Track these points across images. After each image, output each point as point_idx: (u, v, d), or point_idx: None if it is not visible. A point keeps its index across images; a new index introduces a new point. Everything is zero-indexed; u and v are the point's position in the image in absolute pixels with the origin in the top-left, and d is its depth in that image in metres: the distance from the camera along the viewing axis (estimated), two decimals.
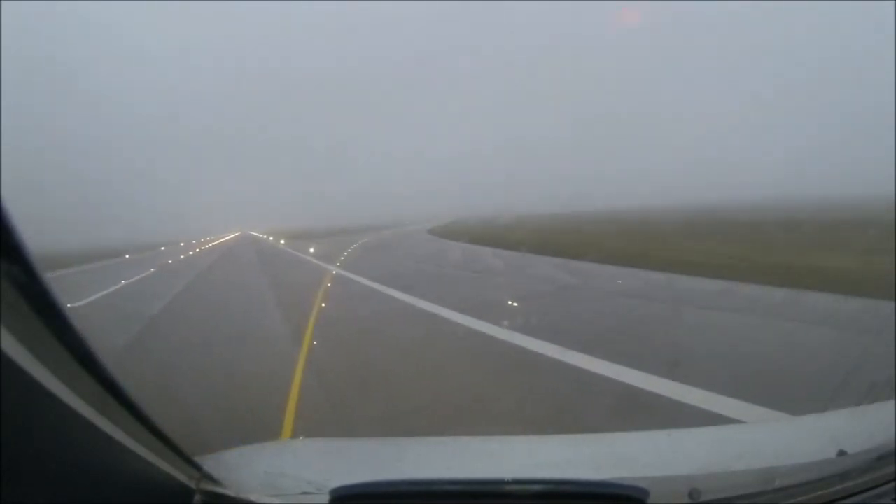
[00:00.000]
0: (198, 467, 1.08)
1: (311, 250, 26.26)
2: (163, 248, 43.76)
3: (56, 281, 0.69)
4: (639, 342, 5.49)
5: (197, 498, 1.05)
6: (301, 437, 3.53)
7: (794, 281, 8.16)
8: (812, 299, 7.23)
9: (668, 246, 16.13)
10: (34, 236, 0.64)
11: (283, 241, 42.32)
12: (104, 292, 13.22)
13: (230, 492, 1.11)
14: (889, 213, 16.46)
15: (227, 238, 69.54)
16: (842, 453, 1.25)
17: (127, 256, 33.08)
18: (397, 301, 9.03)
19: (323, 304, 9.04)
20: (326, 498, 1.08)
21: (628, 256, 12.98)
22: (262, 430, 3.37)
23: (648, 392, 3.90)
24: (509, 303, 8.52)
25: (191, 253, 33.46)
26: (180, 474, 1.02)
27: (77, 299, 11.30)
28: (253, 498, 1.12)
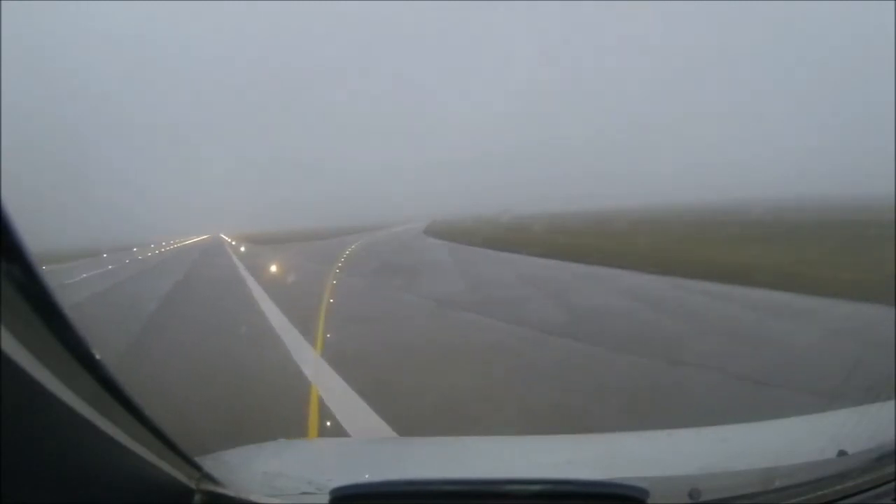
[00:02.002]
0: (198, 467, 1.08)
1: (273, 269, 17.36)
2: (104, 255, 35.26)
3: None
4: None
5: (197, 498, 1.05)
6: (301, 438, 3.53)
7: None
8: None
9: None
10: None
11: (243, 249, 33.74)
12: None
13: (230, 492, 1.10)
14: None
15: (187, 242, 60.20)
16: (842, 453, 1.25)
17: (43, 268, 28.12)
18: None
19: None
20: (326, 498, 1.08)
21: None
22: None
23: None
24: None
25: (110, 267, 24.44)
26: (180, 474, 1.02)
27: None
28: (253, 498, 1.12)
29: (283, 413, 3.96)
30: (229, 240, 55.14)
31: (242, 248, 34.61)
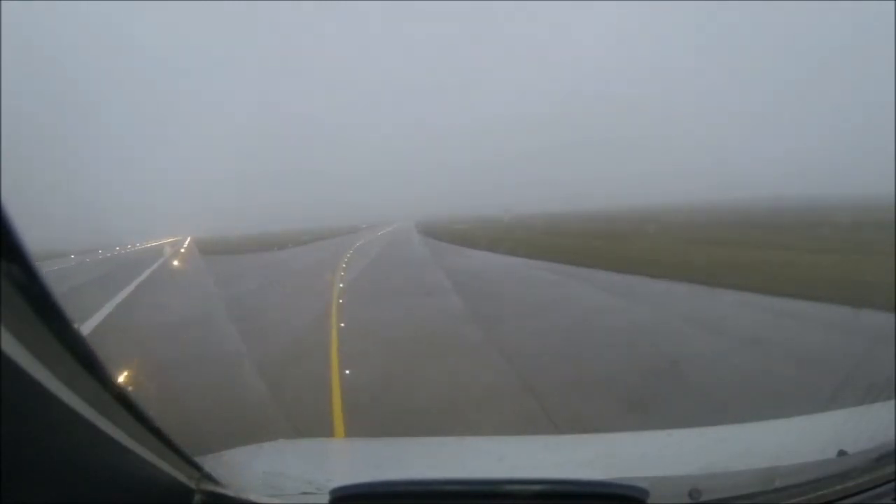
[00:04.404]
0: (198, 467, 1.08)
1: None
2: None
3: None
4: None
5: (197, 498, 1.05)
6: (301, 438, 3.52)
7: None
8: None
9: None
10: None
11: (176, 263, 24.92)
12: None
13: (230, 492, 1.10)
14: None
15: (130, 249, 47.62)
16: (842, 453, 1.25)
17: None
18: None
19: None
20: (326, 498, 1.08)
21: None
22: None
23: None
24: None
25: None
26: (180, 474, 1.02)
27: None
28: (253, 498, 1.12)
29: None
30: (183, 249, 42.14)
31: (176, 263, 25.53)
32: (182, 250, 39.43)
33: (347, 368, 5.74)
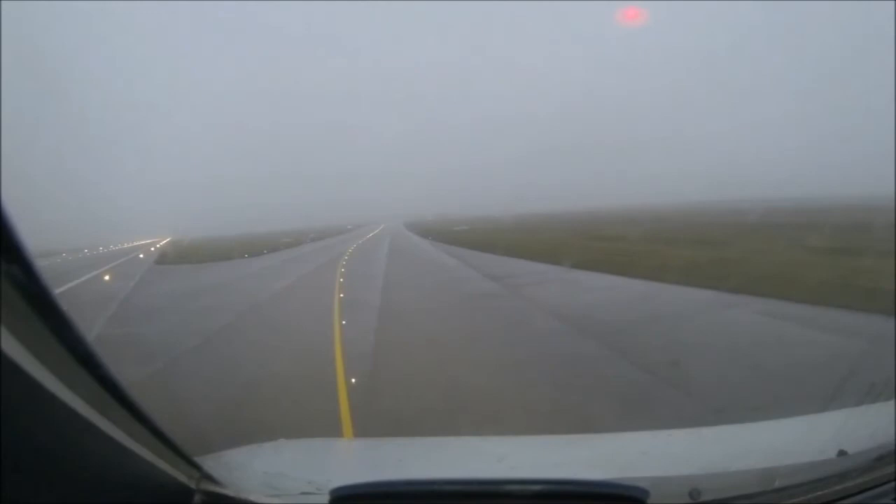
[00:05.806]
0: (198, 467, 1.08)
1: None
2: None
3: None
4: None
5: (197, 498, 1.05)
6: (301, 438, 3.51)
7: None
8: None
9: None
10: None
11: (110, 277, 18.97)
12: None
13: (230, 492, 1.10)
14: None
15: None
16: (842, 453, 1.25)
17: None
18: None
19: None
20: (326, 498, 1.08)
21: None
22: None
23: None
24: None
25: None
26: (180, 474, 1.02)
27: None
28: (252, 498, 1.12)
29: None
30: (141, 255, 38.24)
31: (107, 278, 20.37)
32: (141, 256, 37.15)
33: None
